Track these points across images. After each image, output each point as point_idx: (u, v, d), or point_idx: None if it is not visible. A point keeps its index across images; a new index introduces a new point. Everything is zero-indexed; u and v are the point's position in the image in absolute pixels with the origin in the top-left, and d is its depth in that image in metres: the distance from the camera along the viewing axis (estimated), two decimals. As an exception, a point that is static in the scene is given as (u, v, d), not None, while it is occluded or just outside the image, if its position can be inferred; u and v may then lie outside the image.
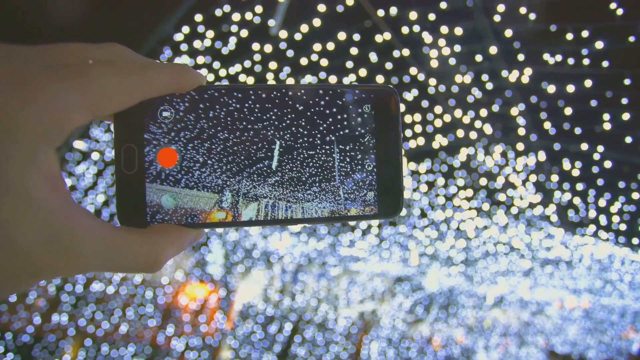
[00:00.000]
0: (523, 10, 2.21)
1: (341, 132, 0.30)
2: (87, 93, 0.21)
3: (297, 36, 3.09)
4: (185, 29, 2.89)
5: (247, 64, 3.26)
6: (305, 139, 0.29)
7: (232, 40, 3.07)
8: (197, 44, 2.95)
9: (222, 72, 3.31)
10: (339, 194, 0.30)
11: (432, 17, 2.62)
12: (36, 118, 0.20)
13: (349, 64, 3.22)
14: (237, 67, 3.32)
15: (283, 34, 3.06)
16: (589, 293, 6.18)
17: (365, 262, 6.03)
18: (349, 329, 6.73)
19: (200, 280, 5.95)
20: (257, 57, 3.18)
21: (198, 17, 2.82)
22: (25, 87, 0.20)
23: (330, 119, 0.29)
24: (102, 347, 4.42)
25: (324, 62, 3.17)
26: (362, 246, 5.32)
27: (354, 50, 3.08)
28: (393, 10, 2.81)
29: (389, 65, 3.02)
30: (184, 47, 2.98)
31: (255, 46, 3.11)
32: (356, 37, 3.04)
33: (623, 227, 3.12)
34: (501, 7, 2.27)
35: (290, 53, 3.18)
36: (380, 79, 3.15)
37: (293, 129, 0.29)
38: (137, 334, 4.79)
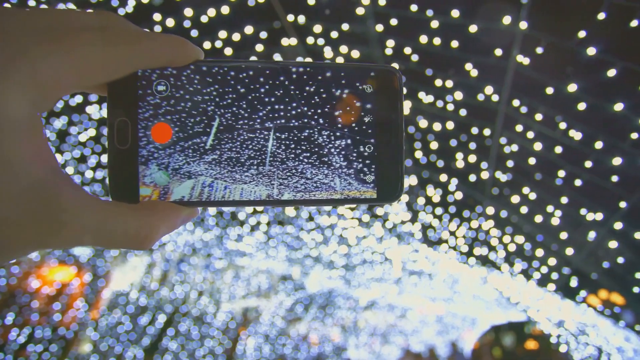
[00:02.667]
0: (408, 50, 2.48)
1: (340, 112, 0.28)
2: (75, 58, 0.20)
3: (204, 18, 2.94)
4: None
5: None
6: (303, 117, 0.28)
7: (131, 4, 2.78)
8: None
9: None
10: (338, 176, 0.28)
11: (334, 35, 2.76)
12: (17, 76, 0.18)
13: (252, 59, 3.19)
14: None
15: (188, 12, 2.88)
16: (443, 301, 7.14)
17: (251, 257, 6.01)
18: (228, 324, 6.63)
19: (61, 261, 5.23)
20: (157, 29, 2.93)
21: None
22: (9, 49, 0.19)
23: (331, 98, 0.28)
24: None
25: (228, 51, 3.07)
26: (250, 242, 5.31)
27: (259, 47, 3.06)
28: (301, 19, 2.88)
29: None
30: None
31: (157, 16, 2.87)
32: (263, 34, 3.02)
33: (465, 248, 3.70)
34: (391, 42, 2.51)
35: (194, 33, 3.01)
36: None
37: (291, 106, 0.28)
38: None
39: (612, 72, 1.69)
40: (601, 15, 1.55)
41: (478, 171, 2.83)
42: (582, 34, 1.68)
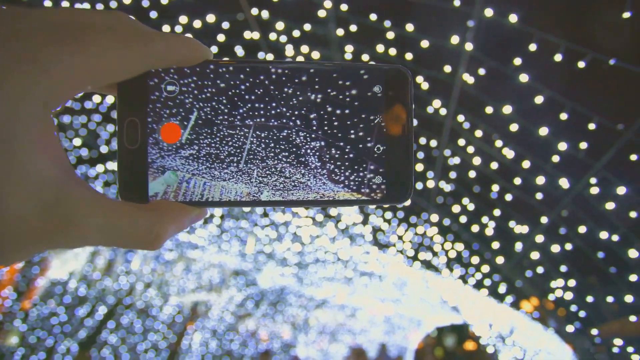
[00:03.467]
0: (365, 57, 2.55)
1: (350, 112, 0.28)
2: (87, 59, 0.20)
3: (164, 0, 2.85)
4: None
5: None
6: (312, 117, 0.28)
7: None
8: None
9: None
10: (347, 176, 0.28)
11: (296, 34, 2.77)
12: (29, 77, 0.18)
13: (213, 49, 3.13)
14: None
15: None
16: (391, 302, 7.38)
17: (203, 250, 5.88)
18: (174, 318, 6.44)
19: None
20: (113, 5, 2.79)
21: None
22: (22, 49, 0.19)
23: (340, 98, 0.28)
24: None
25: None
26: (202, 234, 5.19)
27: (220, 37, 3.00)
28: (265, 14, 2.86)
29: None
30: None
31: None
32: (225, 25, 2.97)
33: (411, 252, 3.86)
34: (350, 48, 2.57)
35: (153, 14, 2.90)
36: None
37: (300, 107, 0.28)
38: None
39: (539, 99, 1.85)
40: (532, 47, 1.70)
41: (424, 180, 2.97)
42: (517, 61, 1.82)
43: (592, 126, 1.88)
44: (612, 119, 1.85)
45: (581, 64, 1.68)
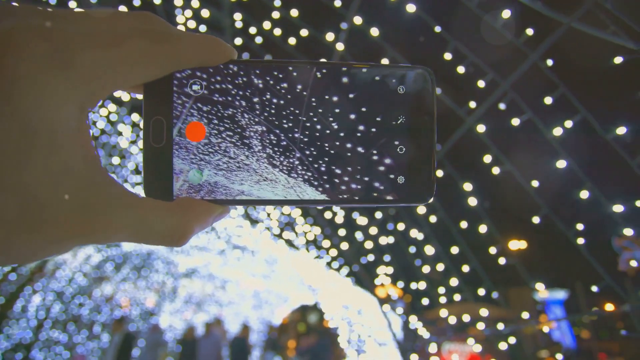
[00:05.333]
0: (253, 30, 2.52)
1: (373, 113, 0.28)
2: (121, 61, 0.21)
3: None
4: None
5: None
6: (335, 118, 0.27)
7: None
8: None
9: None
10: (368, 176, 0.28)
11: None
12: (68, 81, 0.19)
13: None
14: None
15: None
16: (262, 278, 7.60)
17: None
18: (5, 275, 5.52)
19: None
20: None
21: None
22: (61, 51, 0.19)
23: (363, 99, 0.28)
24: None
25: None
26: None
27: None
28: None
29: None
30: None
31: None
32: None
33: (277, 231, 4.03)
34: (239, 16, 2.51)
35: None
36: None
37: (323, 106, 0.27)
38: None
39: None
40: (385, 61, 1.90)
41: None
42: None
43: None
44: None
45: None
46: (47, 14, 0.21)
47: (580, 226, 1.81)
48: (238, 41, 2.73)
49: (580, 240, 1.80)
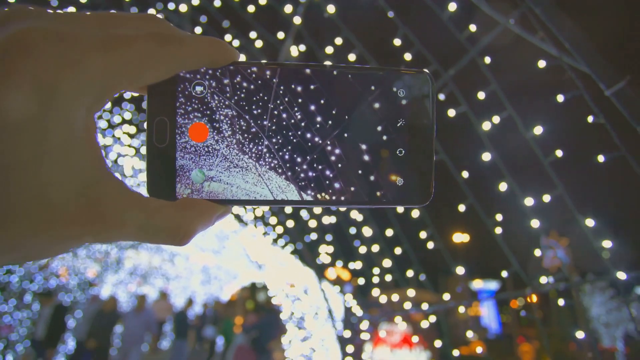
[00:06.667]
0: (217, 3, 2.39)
1: (373, 115, 0.28)
2: (128, 63, 0.21)
3: None
4: None
5: None
6: (336, 120, 0.28)
7: None
8: None
9: None
10: (368, 178, 0.28)
11: None
12: (78, 83, 0.20)
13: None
14: None
15: None
16: (212, 253, 7.51)
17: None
18: None
19: None
20: None
21: None
22: (69, 52, 0.20)
23: (364, 101, 0.28)
24: None
25: None
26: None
27: None
28: None
29: None
30: None
31: None
32: None
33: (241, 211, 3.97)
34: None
35: None
36: None
37: (325, 109, 0.28)
38: None
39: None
40: (338, 40, 1.90)
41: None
42: (329, 49, 2.03)
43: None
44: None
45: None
46: (57, 17, 0.21)
47: (499, 217, 1.96)
48: (195, 1, 2.60)
49: (498, 230, 1.96)
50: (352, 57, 2.05)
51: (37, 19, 0.20)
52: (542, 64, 1.51)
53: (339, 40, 2.09)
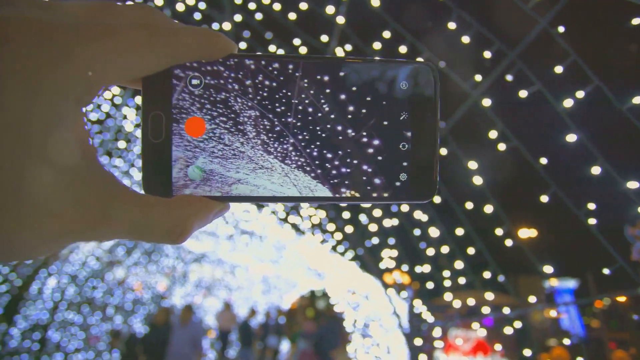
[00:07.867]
0: (252, 5, 2.44)
1: (374, 108, 0.28)
2: (117, 53, 0.20)
3: None
4: None
5: None
6: (337, 113, 0.27)
7: None
8: None
9: None
10: (371, 173, 0.28)
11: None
12: (64, 76, 0.19)
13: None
14: None
15: None
16: (270, 263, 7.67)
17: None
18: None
19: None
20: None
21: None
22: (55, 43, 0.19)
23: (365, 94, 0.27)
24: None
25: None
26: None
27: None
28: None
29: None
30: None
31: None
32: None
33: (282, 215, 4.01)
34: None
35: None
36: None
37: (325, 102, 0.27)
38: None
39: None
40: (386, 34, 1.81)
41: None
42: (376, 45, 1.94)
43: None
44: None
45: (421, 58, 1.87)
46: (43, 5, 0.20)
47: (591, 205, 1.71)
48: (238, 18, 2.66)
49: (592, 221, 1.71)
50: (403, 49, 1.95)
51: (21, 7, 0.19)
52: (636, 21, 1.29)
53: (387, 34, 2.00)
